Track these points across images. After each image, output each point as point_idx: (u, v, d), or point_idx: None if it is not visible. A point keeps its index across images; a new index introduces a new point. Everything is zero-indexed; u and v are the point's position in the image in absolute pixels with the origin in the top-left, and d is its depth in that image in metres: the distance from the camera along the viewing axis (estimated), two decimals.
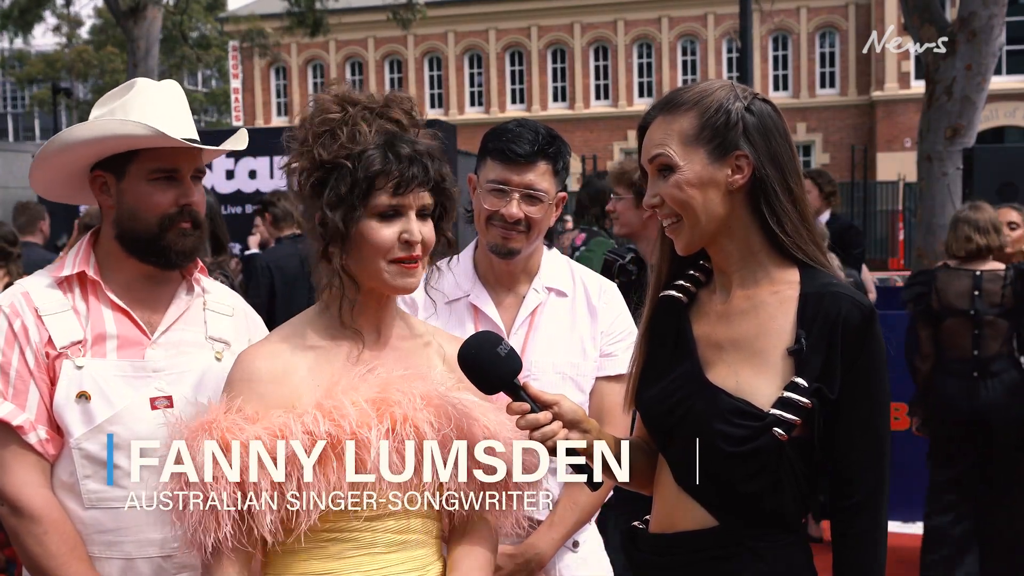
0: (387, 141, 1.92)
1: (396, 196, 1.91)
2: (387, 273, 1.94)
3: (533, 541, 2.51)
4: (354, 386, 1.89)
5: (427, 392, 1.92)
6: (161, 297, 2.32)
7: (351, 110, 1.94)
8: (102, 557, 2.19)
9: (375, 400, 1.88)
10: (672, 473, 1.93)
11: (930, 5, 8.97)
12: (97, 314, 2.24)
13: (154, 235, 2.25)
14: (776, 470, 1.81)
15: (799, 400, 1.79)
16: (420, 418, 1.88)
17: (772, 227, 1.88)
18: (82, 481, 2.18)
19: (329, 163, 1.91)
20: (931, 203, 8.91)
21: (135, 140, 2.20)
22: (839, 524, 1.87)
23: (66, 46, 38.21)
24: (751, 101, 1.89)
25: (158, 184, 2.25)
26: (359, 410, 1.85)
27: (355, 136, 1.91)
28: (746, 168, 1.87)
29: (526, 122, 2.58)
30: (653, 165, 1.91)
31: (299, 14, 21.21)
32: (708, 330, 1.93)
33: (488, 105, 36.34)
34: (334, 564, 1.89)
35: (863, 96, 33.15)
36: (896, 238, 23.82)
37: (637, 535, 2.03)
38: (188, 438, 1.83)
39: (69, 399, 2.17)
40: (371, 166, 1.90)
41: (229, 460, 1.80)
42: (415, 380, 1.93)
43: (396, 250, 1.92)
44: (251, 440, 1.80)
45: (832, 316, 1.81)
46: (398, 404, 1.88)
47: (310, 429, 1.82)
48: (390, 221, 1.92)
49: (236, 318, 2.39)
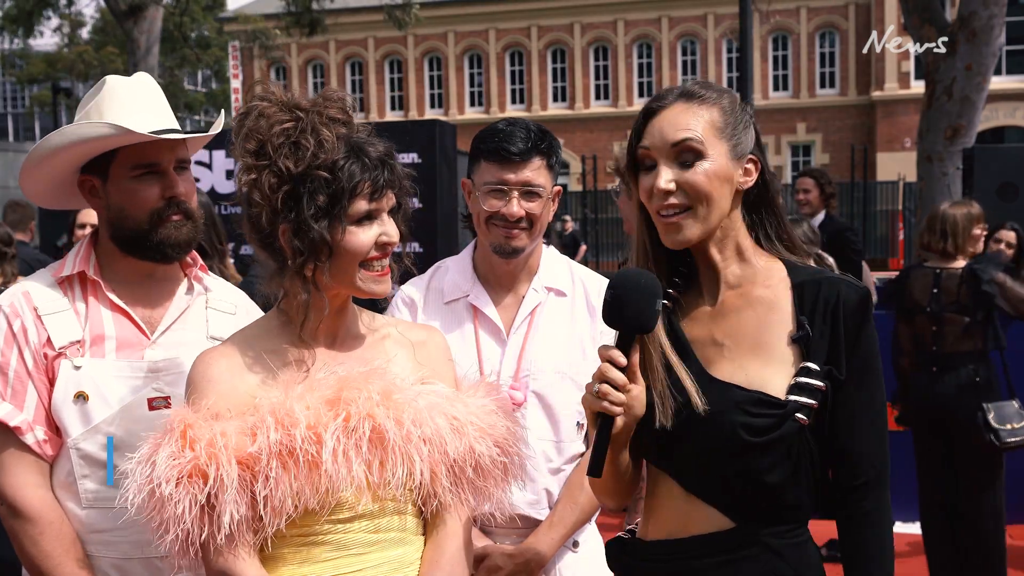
0: (354, 147, 1.92)
1: (372, 201, 1.92)
2: (361, 280, 1.94)
3: (533, 541, 2.51)
4: (310, 388, 1.89)
5: (386, 388, 1.91)
6: (161, 295, 2.32)
7: (303, 116, 1.91)
8: (100, 556, 2.19)
9: (330, 400, 1.87)
10: (678, 480, 1.91)
11: (930, 5, 8.98)
12: (96, 314, 2.24)
13: (145, 231, 2.24)
14: (797, 458, 1.83)
15: (814, 384, 1.82)
16: (379, 414, 1.87)
17: (768, 231, 1.94)
18: (79, 481, 2.18)
19: (300, 175, 1.88)
20: (931, 203, 8.89)
21: (105, 141, 2.19)
22: (847, 506, 1.87)
23: (66, 46, 38.19)
24: (751, 113, 1.94)
25: (142, 180, 2.23)
26: (314, 412, 1.85)
27: (323, 144, 1.89)
28: (754, 173, 1.90)
29: (515, 120, 2.58)
30: (675, 149, 1.85)
31: (296, 13, 21.20)
32: (702, 331, 1.93)
33: (488, 105, 36.35)
34: (309, 568, 1.88)
35: (863, 96, 33.17)
36: (896, 238, 23.83)
37: (626, 545, 2.01)
38: (154, 441, 1.84)
39: (67, 399, 2.17)
40: (351, 175, 1.89)
41: (195, 455, 1.80)
42: (372, 377, 1.92)
43: (374, 252, 1.94)
44: (217, 436, 1.81)
45: (832, 300, 1.85)
46: (354, 402, 1.87)
47: (264, 438, 1.81)
48: (366, 226, 1.93)
49: (239, 316, 2.38)
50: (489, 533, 2.52)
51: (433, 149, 6.48)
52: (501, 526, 2.53)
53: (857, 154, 23.37)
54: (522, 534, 2.53)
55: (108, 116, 2.21)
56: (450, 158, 6.67)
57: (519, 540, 2.52)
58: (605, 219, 24.86)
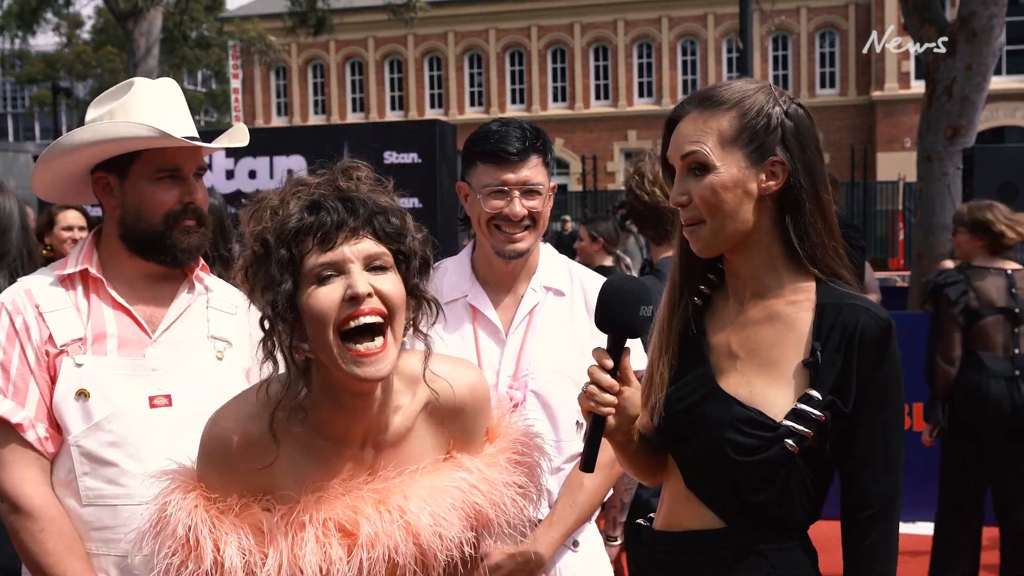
0: (311, 202, 1.66)
1: (326, 251, 1.63)
2: (340, 359, 1.63)
3: (532, 541, 2.50)
4: (336, 495, 1.70)
5: (430, 489, 1.74)
6: (163, 295, 2.32)
7: (289, 191, 1.70)
8: (100, 554, 2.19)
9: (345, 531, 1.69)
10: (682, 474, 1.92)
11: (930, 5, 8.97)
12: (98, 312, 2.24)
13: (159, 233, 2.26)
14: (786, 480, 1.80)
15: (812, 412, 1.77)
16: (399, 542, 1.69)
17: (793, 239, 1.83)
18: (80, 478, 2.18)
19: (256, 246, 1.67)
20: (931, 203, 8.91)
21: (139, 141, 2.20)
22: (852, 534, 1.85)
23: (66, 46, 38.19)
24: (789, 106, 1.84)
25: (162, 183, 2.25)
26: (322, 545, 1.67)
27: (278, 211, 1.66)
28: (781, 175, 1.82)
29: (508, 120, 2.58)
30: (685, 162, 1.85)
31: (301, 13, 21.20)
32: (723, 337, 1.91)
33: (488, 105, 36.34)
34: None
35: (863, 96, 33.15)
36: (896, 238, 23.82)
37: (642, 531, 2.03)
38: (159, 518, 1.73)
39: (68, 396, 2.18)
40: (287, 226, 1.63)
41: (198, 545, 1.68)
42: (409, 484, 1.73)
43: (345, 311, 1.62)
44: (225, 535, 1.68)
45: (849, 328, 1.78)
46: (374, 544, 1.69)
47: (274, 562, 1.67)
48: (329, 283, 1.63)
49: (239, 316, 2.38)
50: None
51: (433, 149, 6.48)
52: None
53: (857, 154, 23.38)
54: None
55: (136, 117, 2.22)
56: (450, 158, 6.67)
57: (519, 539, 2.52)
58: None
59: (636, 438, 1.95)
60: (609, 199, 25.64)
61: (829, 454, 1.81)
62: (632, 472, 2.07)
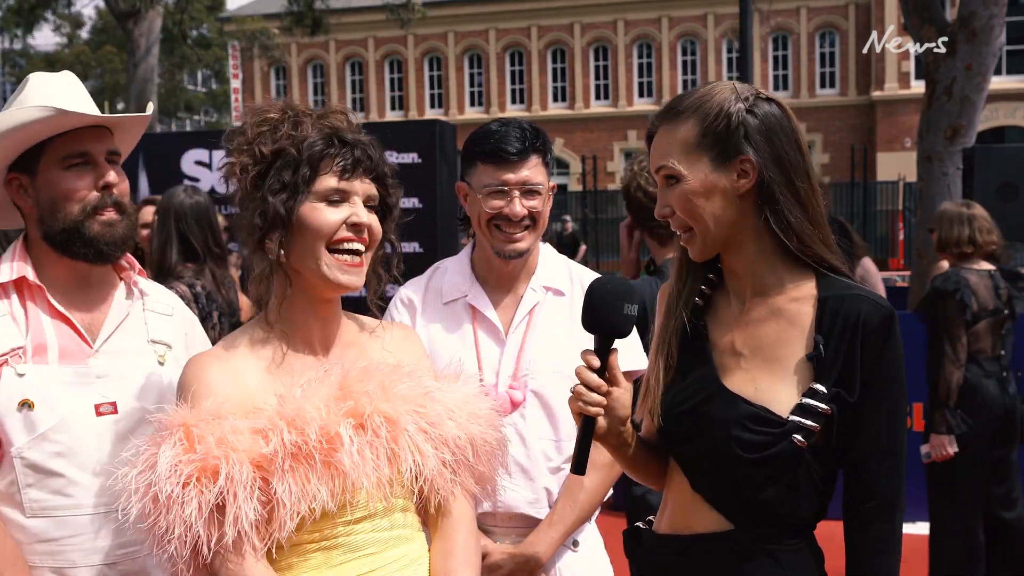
0: (331, 131, 1.92)
1: (343, 180, 1.90)
2: (326, 266, 1.90)
3: (532, 540, 2.51)
4: (313, 387, 1.85)
5: (384, 382, 1.90)
6: (99, 300, 2.24)
7: (290, 112, 1.94)
8: (42, 566, 2.10)
9: (337, 398, 1.85)
10: (687, 477, 1.92)
11: (930, 5, 8.97)
12: (36, 322, 2.15)
13: (78, 223, 2.15)
14: (795, 476, 1.81)
15: (818, 406, 1.78)
16: (387, 408, 1.86)
17: (777, 231, 1.84)
18: (24, 490, 2.09)
19: (271, 154, 1.89)
20: (931, 203, 8.89)
21: (35, 126, 2.10)
22: (855, 527, 1.85)
23: (66, 46, 38.19)
24: (753, 102, 1.84)
25: (72, 171, 2.16)
26: (324, 411, 1.81)
27: (297, 127, 1.90)
28: (751, 172, 1.83)
29: (507, 120, 2.58)
30: (660, 175, 1.90)
31: (298, 13, 21.20)
32: (725, 336, 1.92)
33: (488, 105, 36.35)
34: (327, 572, 1.83)
35: (863, 96, 33.17)
36: (896, 238, 23.84)
37: (642, 536, 2.03)
38: (152, 444, 1.79)
39: (11, 407, 2.08)
40: (319, 150, 1.89)
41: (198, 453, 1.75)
42: (371, 372, 1.90)
43: (343, 232, 1.90)
44: (227, 434, 1.77)
45: (852, 319, 1.79)
46: (362, 396, 1.85)
47: (278, 439, 1.77)
48: (336, 206, 1.90)
49: (175, 317, 2.33)
50: (489, 532, 2.52)
51: (433, 149, 6.48)
52: (501, 525, 2.54)
53: (857, 154, 23.38)
54: (522, 533, 2.53)
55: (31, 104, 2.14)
56: (450, 158, 6.66)
57: (519, 539, 2.52)
58: (605, 219, 24.85)
59: (632, 441, 1.95)
60: (609, 199, 25.66)
61: (836, 448, 1.81)
62: (637, 477, 2.06)
